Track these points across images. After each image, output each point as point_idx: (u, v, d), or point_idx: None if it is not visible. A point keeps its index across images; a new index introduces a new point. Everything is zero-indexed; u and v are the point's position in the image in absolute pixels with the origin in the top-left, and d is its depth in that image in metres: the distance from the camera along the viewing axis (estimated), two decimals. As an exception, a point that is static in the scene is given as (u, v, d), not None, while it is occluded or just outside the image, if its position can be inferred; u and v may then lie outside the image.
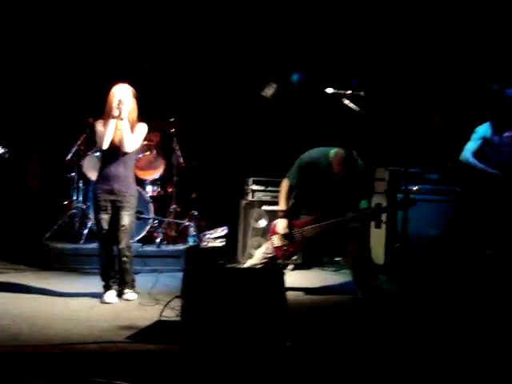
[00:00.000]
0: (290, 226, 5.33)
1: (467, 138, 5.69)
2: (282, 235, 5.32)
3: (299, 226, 5.33)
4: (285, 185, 5.44)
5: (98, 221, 5.05)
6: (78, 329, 4.04)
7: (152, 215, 6.88)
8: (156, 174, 7.19)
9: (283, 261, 5.54)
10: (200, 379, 3.34)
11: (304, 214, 5.39)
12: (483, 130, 5.50)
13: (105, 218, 4.98)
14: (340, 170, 5.21)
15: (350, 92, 4.93)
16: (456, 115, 7.07)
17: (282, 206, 5.43)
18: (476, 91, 6.70)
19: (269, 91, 7.64)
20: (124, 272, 5.05)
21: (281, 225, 5.34)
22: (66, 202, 7.19)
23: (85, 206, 6.98)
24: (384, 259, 6.47)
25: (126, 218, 4.99)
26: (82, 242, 6.63)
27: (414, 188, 6.45)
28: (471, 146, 5.52)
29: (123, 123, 4.92)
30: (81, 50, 7.66)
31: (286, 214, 5.38)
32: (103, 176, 5.01)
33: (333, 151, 5.28)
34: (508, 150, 5.38)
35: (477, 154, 5.48)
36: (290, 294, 4.41)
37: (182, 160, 7.47)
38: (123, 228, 4.97)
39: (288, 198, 5.43)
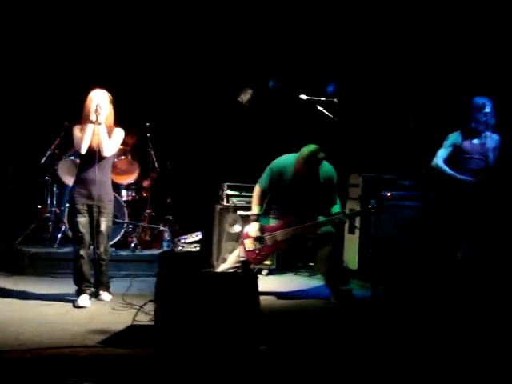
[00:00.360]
0: (261, 230, 5.37)
1: (440, 145, 5.78)
2: (254, 239, 5.36)
3: (271, 230, 5.37)
4: (257, 190, 5.50)
5: (74, 224, 5.06)
6: (50, 333, 4.02)
7: (127, 220, 6.87)
8: (131, 178, 7.19)
9: (255, 265, 5.56)
10: (173, 383, 3.35)
11: (275, 219, 5.44)
12: (454, 137, 5.60)
13: (81, 221, 5.00)
14: (302, 168, 5.27)
15: (323, 99, 4.99)
16: (429, 122, 7.17)
17: (254, 210, 5.48)
18: (448, 98, 6.80)
19: (244, 97, 7.69)
20: (101, 274, 5.09)
21: (253, 228, 5.38)
22: (39, 206, 7.15)
23: (59, 210, 6.95)
24: (358, 264, 6.53)
25: (104, 224, 5.05)
26: (55, 246, 6.59)
27: (388, 194, 6.54)
28: (442, 153, 5.62)
29: (100, 128, 4.95)
30: (57, 53, 7.63)
31: (257, 218, 5.43)
32: (81, 180, 5.03)
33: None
34: (478, 157, 5.48)
35: (448, 160, 5.58)
36: (263, 299, 4.45)
37: (156, 165, 7.47)
38: (101, 233, 5.04)
39: (260, 203, 5.48)
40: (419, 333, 4.41)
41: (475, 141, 5.46)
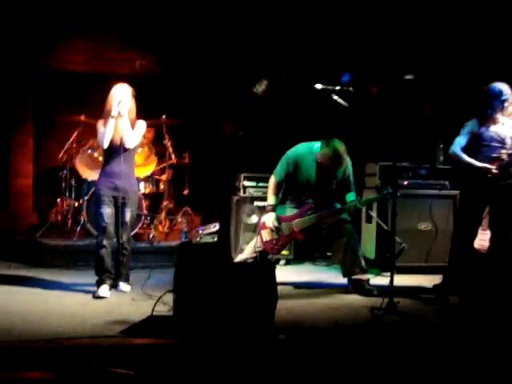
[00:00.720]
0: (278, 220, 5.39)
1: (456, 132, 5.72)
2: (271, 229, 5.37)
3: (287, 219, 5.38)
4: (272, 180, 5.50)
5: (99, 215, 5.13)
6: (71, 324, 4.07)
7: (145, 212, 6.92)
8: (148, 170, 7.23)
9: (273, 255, 5.57)
10: (192, 373, 3.38)
11: (292, 208, 5.45)
12: (471, 124, 5.50)
13: (107, 212, 5.10)
14: (328, 167, 5.28)
15: (338, 88, 4.98)
16: (445, 109, 7.12)
17: (270, 200, 5.48)
18: (465, 85, 6.74)
19: (260, 88, 7.69)
20: (121, 265, 5.17)
21: (269, 219, 5.39)
22: (58, 200, 7.23)
23: (77, 204, 7.02)
24: (375, 253, 6.52)
25: (128, 214, 5.16)
26: (74, 238, 6.66)
27: (405, 182, 6.52)
28: (460, 141, 5.51)
29: (123, 120, 5.05)
30: (74, 48, 7.71)
31: (273, 209, 5.43)
32: (106, 173, 5.14)
33: (317, 146, 5.34)
34: (495, 144, 5.39)
35: (465, 148, 5.49)
36: (281, 289, 4.46)
37: (174, 157, 7.51)
38: (125, 224, 5.15)
39: (276, 193, 5.49)
40: (437, 325, 4.39)
41: (493, 128, 5.38)
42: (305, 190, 5.41)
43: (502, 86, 5.29)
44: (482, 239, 5.69)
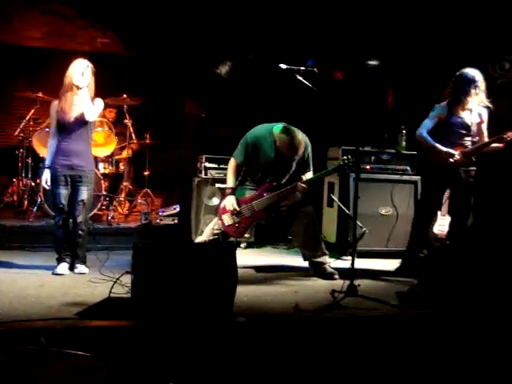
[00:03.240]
0: (238, 203, 5.33)
1: (420, 119, 5.73)
2: (232, 212, 5.31)
3: (247, 201, 5.32)
4: (232, 163, 5.43)
5: (55, 195, 5.03)
6: (25, 306, 3.96)
7: (104, 192, 6.79)
8: (108, 150, 7.09)
9: (236, 238, 5.52)
10: (150, 355, 3.32)
11: (251, 190, 5.39)
12: (440, 108, 5.50)
13: (63, 192, 5.00)
14: (286, 153, 5.24)
15: (303, 68, 4.92)
16: (409, 94, 7.14)
17: (229, 183, 5.42)
18: (429, 70, 6.76)
19: (223, 69, 7.60)
20: (78, 246, 5.08)
21: (229, 202, 5.33)
22: (14, 179, 7.05)
23: (34, 183, 6.84)
24: (336, 237, 6.53)
25: (85, 193, 5.04)
26: (30, 219, 6.49)
27: (367, 167, 6.54)
28: (427, 124, 5.51)
29: (83, 92, 4.91)
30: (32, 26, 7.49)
31: (233, 192, 5.37)
32: (62, 151, 4.99)
33: (276, 128, 5.29)
34: (461, 131, 5.41)
35: (432, 132, 5.49)
36: (242, 272, 4.42)
37: (134, 137, 7.39)
38: (81, 202, 5.03)
39: (236, 176, 5.42)
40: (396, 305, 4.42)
41: (460, 114, 5.39)
42: (264, 171, 5.36)
43: (474, 73, 5.30)
44: (442, 224, 5.73)
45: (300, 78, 4.87)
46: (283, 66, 4.93)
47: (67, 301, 4.13)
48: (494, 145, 5.28)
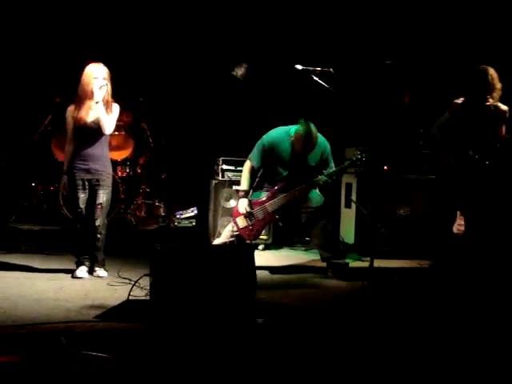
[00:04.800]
0: (250, 205, 5.31)
1: (436, 118, 5.69)
2: (245, 215, 5.30)
3: (260, 203, 5.31)
4: (247, 166, 5.43)
5: (73, 199, 5.06)
6: (45, 309, 3.98)
7: (121, 196, 6.81)
8: (125, 154, 7.12)
9: (251, 241, 5.51)
10: (169, 357, 3.32)
11: (267, 192, 5.37)
12: (456, 105, 5.46)
13: (81, 197, 5.03)
14: (300, 149, 5.22)
15: (319, 69, 4.91)
16: (425, 94, 7.10)
17: (243, 186, 5.41)
18: (445, 70, 6.71)
19: (239, 71, 7.60)
20: (96, 250, 5.09)
21: (241, 205, 5.32)
22: (33, 184, 7.09)
23: (52, 188, 6.89)
24: (354, 238, 6.50)
25: (103, 196, 5.06)
26: (50, 223, 6.53)
27: (385, 167, 6.50)
28: (441, 120, 5.50)
29: (99, 105, 4.92)
30: (48, 29, 7.51)
31: (246, 194, 5.36)
32: (79, 156, 5.00)
33: (293, 130, 5.28)
34: (475, 128, 5.37)
35: (447, 128, 5.45)
36: (260, 273, 4.42)
37: (151, 140, 7.42)
38: (100, 206, 5.04)
39: (250, 179, 5.40)
40: (415, 309, 4.39)
41: (476, 111, 5.34)
42: (281, 174, 5.34)
43: (490, 71, 5.26)
44: (460, 224, 5.68)
45: (316, 79, 4.86)
46: (299, 66, 4.92)
47: (86, 304, 4.15)
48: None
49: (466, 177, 5.30)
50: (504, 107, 5.32)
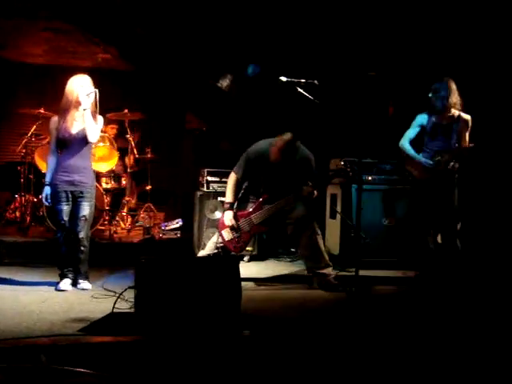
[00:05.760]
0: (236, 217, 5.32)
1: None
2: (230, 228, 5.29)
3: (245, 215, 5.31)
4: (232, 177, 5.43)
5: (57, 212, 5.02)
6: (28, 323, 3.94)
7: (106, 208, 6.78)
8: (110, 165, 7.09)
9: (237, 253, 5.50)
10: (155, 370, 3.30)
11: (252, 204, 5.38)
12: (421, 117, 5.66)
13: (64, 209, 4.99)
14: (278, 157, 5.23)
15: (303, 80, 4.93)
16: (409, 105, 7.14)
17: (228, 198, 5.40)
18: (429, 82, 6.77)
19: (224, 82, 7.61)
20: (80, 262, 5.05)
21: (227, 217, 5.32)
22: (16, 195, 7.05)
23: (36, 199, 6.84)
24: (339, 249, 6.51)
25: (87, 209, 5.02)
26: (33, 235, 6.48)
27: (369, 178, 6.52)
28: (409, 133, 5.68)
29: (86, 112, 4.89)
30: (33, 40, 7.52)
31: (231, 207, 5.36)
32: (62, 167, 4.97)
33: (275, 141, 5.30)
34: (440, 138, 5.52)
35: (415, 141, 5.63)
36: (245, 285, 4.41)
37: (135, 152, 7.40)
38: (83, 218, 5.00)
39: (235, 191, 5.41)
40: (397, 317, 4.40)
41: (440, 121, 5.51)
42: (265, 185, 5.35)
43: (449, 81, 5.42)
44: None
45: (300, 91, 4.88)
46: (283, 78, 4.94)
47: (70, 317, 4.12)
48: None
49: (434, 187, 5.41)
50: (467, 116, 5.46)
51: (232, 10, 7.32)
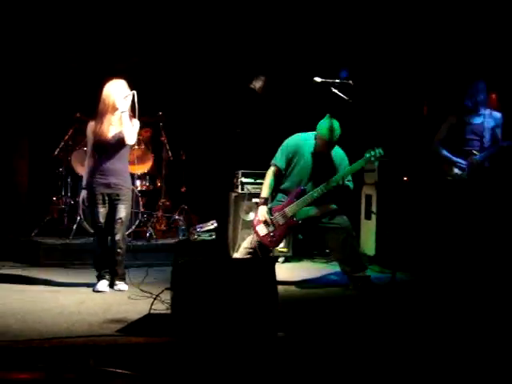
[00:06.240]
0: (270, 212, 5.30)
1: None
2: (265, 222, 5.28)
3: (279, 209, 5.29)
4: (271, 170, 5.40)
5: (93, 214, 5.09)
6: (67, 323, 4.00)
7: (141, 210, 6.85)
8: (145, 168, 7.16)
9: (272, 248, 5.47)
10: (191, 371, 3.32)
11: (284, 198, 5.36)
12: (452, 118, 5.59)
13: (101, 211, 5.06)
14: (324, 149, 5.20)
15: (338, 81, 4.91)
16: (444, 105, 7.06)
17: (263, 193, 5.38)
18: (463, 81, 6.68)
19: (257, 84, 7.62)
20: (117, 264, 5.11)
21: (261, 212, 5.30)
22: (54, 198, 7.16)
23: (73, 202, 6.94)
24: (375, 250, 6.46)
25: (123, 211, 5.08)
26: (71, 237, 6.58)
27: (404, 178, 6.46)
28: (441, 134, 5.61)
29: (124, 115, 4.95)
30: (68, 45, 7.60)
31: (265, 202, 5.35)
32: (99, 170, 5.04)
33: (315, 133, 5.27)
34: (473, 137, 5.44)
35: (446, 142, 5.56)
36: (280, 286, 4.39)
37: (170, 154, 7.45)
38: (120, 220, 5.06)
39: (272, 185, 5.38)
40: (437, 322, 4.34)
41: (472, 120, 5.44)
42: (301, 178, 5.31)
43: (478, 80, 5.37)
44: None
45: (335, 91, 4.86)
46: (318, 79, 4.92)
47: (108, 317, 4.17)
48: None
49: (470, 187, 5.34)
50: (498, 114, 5.40)
51: (268, 12, 7.33)
